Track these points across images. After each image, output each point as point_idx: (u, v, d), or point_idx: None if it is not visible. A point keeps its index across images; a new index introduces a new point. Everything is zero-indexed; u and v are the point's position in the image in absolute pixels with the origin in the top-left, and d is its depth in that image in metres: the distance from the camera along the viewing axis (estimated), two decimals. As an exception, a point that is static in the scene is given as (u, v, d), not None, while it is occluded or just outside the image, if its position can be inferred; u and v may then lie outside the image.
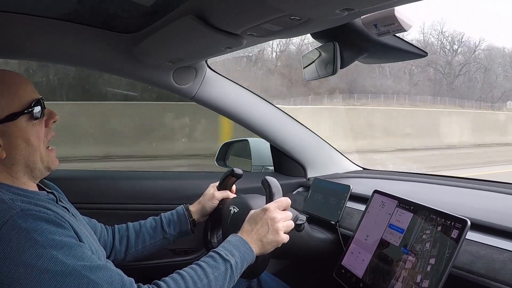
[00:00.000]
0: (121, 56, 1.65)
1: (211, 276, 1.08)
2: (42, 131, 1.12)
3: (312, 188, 1.80)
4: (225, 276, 1.10)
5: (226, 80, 1.90)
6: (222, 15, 1.15)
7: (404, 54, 1.36)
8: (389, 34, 1.18)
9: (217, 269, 1.10)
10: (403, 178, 1.93)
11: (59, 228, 0.99)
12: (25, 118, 1.07)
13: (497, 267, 1.03)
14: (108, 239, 1.49)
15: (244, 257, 1.16)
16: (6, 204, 0.97)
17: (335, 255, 1.47)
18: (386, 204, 1.33)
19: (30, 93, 1.10)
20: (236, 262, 1.13)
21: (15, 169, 1.09)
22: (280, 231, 1.22)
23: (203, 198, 1.56)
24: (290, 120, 2.08)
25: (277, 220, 1.22)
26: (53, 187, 1.29)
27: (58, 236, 0.96)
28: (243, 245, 1.18)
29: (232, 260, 1.12)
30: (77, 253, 0.97)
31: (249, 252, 1.18)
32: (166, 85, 1.79)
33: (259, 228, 1.22)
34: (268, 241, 1.21)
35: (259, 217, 1.23)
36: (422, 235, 1.13)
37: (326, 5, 0.94)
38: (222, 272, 1.10)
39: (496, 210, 1.33)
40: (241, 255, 1.15)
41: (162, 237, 1.51)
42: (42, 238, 0.94)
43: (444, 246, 1.06)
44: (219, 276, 1.09)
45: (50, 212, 1.03)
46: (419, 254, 1.12)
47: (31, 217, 0.96)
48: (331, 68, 1.36)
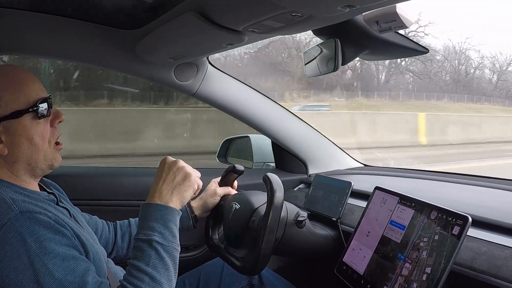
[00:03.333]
0: (123, 53, 1.65)
1: (148, 269, 1.01)
2: (47, 130, 1.10)
3: (314, 185, 1.80)
4: (159, 256, 1.03)
5: (227, 76, 1.90)
6: (224, 11, 1.15)
7: (405, 50, 1.36)
8: (391, 31, 1.18)
9: (148, 257, 1.02)
10: (404, 175, 1.93)
11: (56, 235, 0.97)
12: (30, 116, 1.06)
13: (498, 263, 1.03)
14: (110, 236, 1.49)
15: (165, 219, 1.08)
16: (6, 204, 0.97)
17: (336, 251, 1.47)
18: (387, 200, 1.33)
19: (36, 91, 1.08)
20: (160, 232, 1.06)
21: (17, 167, 1.07)
22: (186, 168, 1.17)
23: (204, 194, 1.56)
24: (291, 116, 2.08)
25: (176, 160, 1.19)
26: (54, 186, 1.29)
27: (53, 245, 0.95)
28: (155, 209, 1.10)
29: (154, 235, 1.05)
30: (69, 265, 0.96)
31: (165, 210, 1.10)
32: (168, 82, 1.79)
33: (163, 177, 1.16)
34: (178, 183, 1.16)
35: (159, 170, 1.19)
36: (422, 238, 1.14)
37: (328, 1, 0.94)
38: (154, 256, 1.03)
39: (498, 206, 1.33)
40: (160, 221, 1.07)
41: None
42: (37, 245, 0.93)
43: (445, 243, 1.06)
44: (155, 262, 1.02)
45: (50, 214, 1.01)
46: (420, 250, 1.12)
47: (29, 220, 0.95)
48: (333, 65, 1.36)
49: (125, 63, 1.71)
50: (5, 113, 1.03)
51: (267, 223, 1.28)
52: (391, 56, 1.50)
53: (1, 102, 1.03)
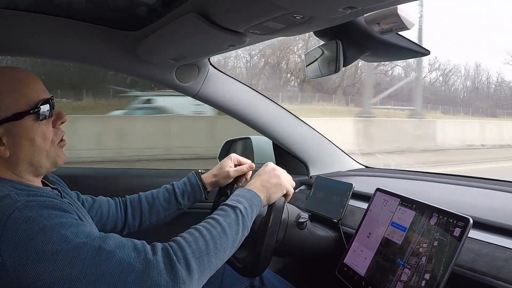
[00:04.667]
0: (124, 54, 1.66)
1: (224, 223, 1.09)
2: (50, 131, 1.09)
3: (315, 186, 1.80)
4: (237, 221, 1.12)
5: (228, 77, 1.90)
6: (225, 13, 1.15)
7: (407, 52, 1.36)
8: (392, 32, 1.18)
9: (228, 216, 1.12)
10: (405, 176, 1.93)
11: (65, 212, 0.98)
12: (31, 118, 1.05)
13: (499, 265, 1.03)
14: (118, 215, 1.48)
15: (252, 202, 1.20)
16: (11, 198, 0.96)
17: (337, 253, 1.47)
18: (389, 202, 1.33)
19: (38, 92, 1.08)
20: (245, 207, 1.16)
21: (19, 168, 1.07)
22: (282, 177, 1.33)
23: (218, 173, 1.55)
24: (293, 118, 2.08)
25: (278, 168, 1.35)
26: (56, 179, 1.29)
27: (64, 219, 0.95)
28: (248, 192, 1.23)
29: (240, 206, 1.16)
30: (85, 230, 0.96)
31: (255, 196, 1.23)
32: (169, 83, 1.79)
33: (261, 176, 1.31)
34: (272, 185, 1.29)
35: (260, 170, 1.35)
36: (421, 244, 1.14)
37: (329, 3, 0.94)
38: (233, 218, 1.12)
39: (499, 208, 1.33)
40: (248, 201, 1.19)
41: (176, 208, 1.52)
42: (49, 222, 0.93)
43: (444, 249, 1.06)
44: (231, 222, 1.11)
45: (56, 200, 1.02)
46: (419, 256, 1.12)
47: (37, 206, 0.95)
48: (334, 66, 1.36)
49: (126, 64, 1.72)
50: (6, 115, 1.02)
51: (268, 225, 1.28)
52: (393, 57, 1.49)
53: (2, 105, 1.02)
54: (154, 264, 0.95)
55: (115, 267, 0.93)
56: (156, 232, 1.46)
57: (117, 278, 0.92)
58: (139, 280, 0.93)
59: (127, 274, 0.93)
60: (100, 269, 0.92)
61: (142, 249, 0.98)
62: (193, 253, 1.00)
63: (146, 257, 0.96)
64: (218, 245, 1.05)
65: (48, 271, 0.89)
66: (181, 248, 1.00)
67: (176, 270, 0.96)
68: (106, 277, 0.92)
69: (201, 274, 1.00)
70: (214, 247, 1.04)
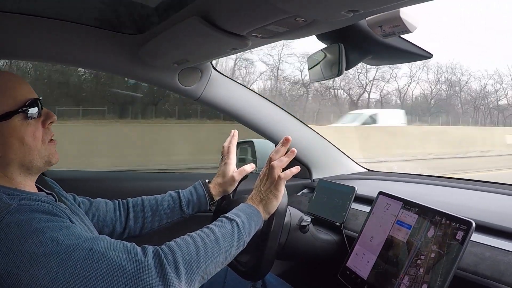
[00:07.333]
0: (127, 57, 1.66)
1: (218, 233, 1.10)
2: (39, 131, 1.10)
3: (317, 190, 1.80)
4: (233, 234, 1.13)
5: (231, 81, 1.90)
6: (228, 16, 1.15)
7: (409, 55, 1.35)
8: (394, 35, 1.18)
9: (224, 227, 1.13)
10: (408, 180, 1.93)
11: (56, 216, 0.98)
12: (20, 117, 1.06)
13: (502, 268, 1.03)
14: (117, 216, 1.47)
15: (251, 217, 1.21)
16: (3, 202, 0.97)
17: (339, 256, 1.47)
18: (391, 205, 1.32)
19: (25, 93, 1.09)
20: (243, 221, 1.17)
21: (11, 170, 1.07)
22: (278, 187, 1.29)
23: (223, 181, 1.54)
24: (295, 121, 2.08)
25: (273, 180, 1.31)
26: (52, 183, 1.29)
27: (55, 222, 0.96)
28: (248, 207, 1.24)
29: (238, 219, 1.16)
30: (76, 232, 0.97)
31: (255, 212, 1.23)
32: (172, 87, 1.80)
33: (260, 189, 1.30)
34: (268, 197, 1.28)
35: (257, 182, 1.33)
36: (419, 256, 1.13)
37: (332, 6, 0.94)
38: (229, 230, 1.13)
39: (501, 211, 1.33)
40: (247, 215, 1.20)
41: (180, 216, 1.51)
42: (41, 225, 0.93)
43: (449, 247, 1.06)
44: (226, 233, 1.12)
45: (48, 205, 1.02)
46: (417, 268, 1.12)
47: (28, 210, 0.95)
48: (337, 70, 1.36)
49: (129, 68, 1.72)
50: None
51: (270, 228, 1.28)
52: (395, 61, 1.49)
53: None
54: (145, 266, 0.96)
55: (107, 269, 0.93)
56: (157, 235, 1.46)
57: (109, 280, 0.93)
58: (131, 281, 0.94)
59: (119, 276, 0.94)
60: (92, 270, 0.92)
61: (133, 251, 0.98)
62: (183, 258, 1.01)
63: (137, 259, 0.97)
64: (209, 253, 1.06)
65: (42, 274, 0.90)
66: (172, 252, 1.01)
67: (166, 273, 0.96)
68: (99, 279, 0.92)
69: (190, 280, 1.01)
70: (205, 254, 1.05)
